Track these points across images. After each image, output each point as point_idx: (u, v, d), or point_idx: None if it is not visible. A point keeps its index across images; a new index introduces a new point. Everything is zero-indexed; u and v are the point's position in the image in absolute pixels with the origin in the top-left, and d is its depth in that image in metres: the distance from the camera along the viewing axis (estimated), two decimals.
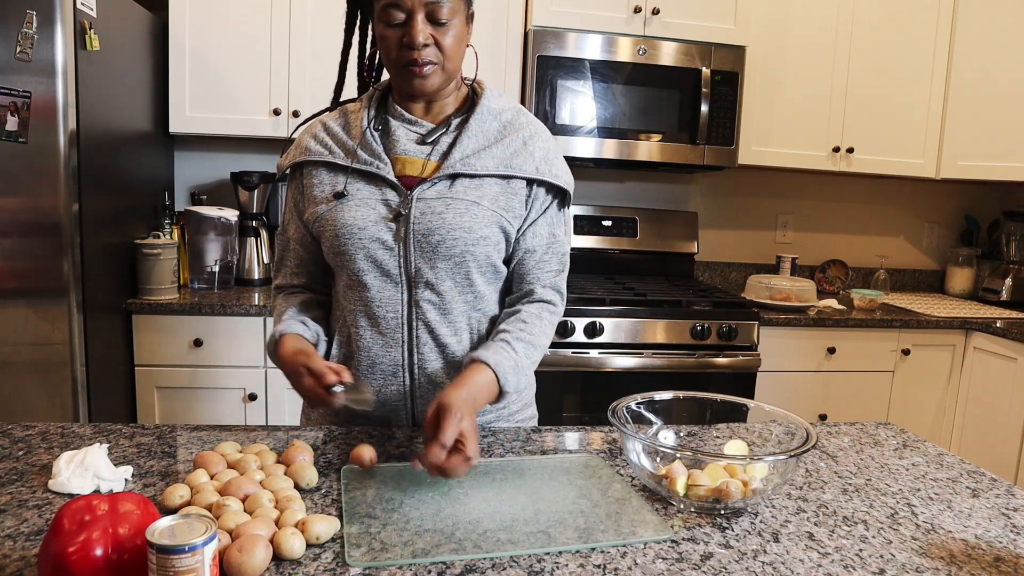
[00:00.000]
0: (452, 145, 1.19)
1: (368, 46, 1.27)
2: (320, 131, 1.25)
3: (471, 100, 1.25)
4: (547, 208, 1.24)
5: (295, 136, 1.31)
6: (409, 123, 1.21)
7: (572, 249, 3.04)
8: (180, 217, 2.62)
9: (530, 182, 1.21)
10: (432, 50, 1.12)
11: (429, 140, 1.20)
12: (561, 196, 1.26)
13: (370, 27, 1.24)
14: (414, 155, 1.19)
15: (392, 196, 1.17)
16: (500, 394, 1.12)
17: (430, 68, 1.13)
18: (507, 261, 1.25)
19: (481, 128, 1.20)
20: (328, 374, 1.07)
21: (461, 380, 1.07)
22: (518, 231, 1.23)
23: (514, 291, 1.27)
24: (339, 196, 1.18)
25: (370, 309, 1.20)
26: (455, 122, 1.22)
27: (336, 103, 1.29)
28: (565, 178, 1.24)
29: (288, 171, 1.28)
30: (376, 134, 1.20)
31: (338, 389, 1.07)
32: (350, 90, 1.30)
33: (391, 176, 1.17)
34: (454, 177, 1.17)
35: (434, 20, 1.11)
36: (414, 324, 1.20)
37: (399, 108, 1.21)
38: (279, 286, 1.34)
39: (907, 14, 2.90)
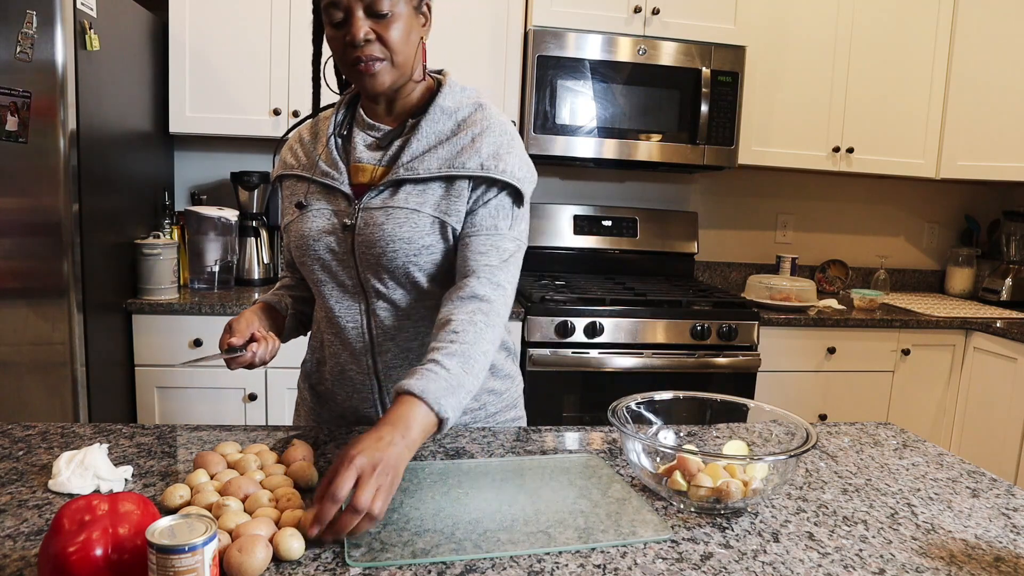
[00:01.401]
0: (401, 148, 1.16)
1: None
2: (295, 143, 1.26)
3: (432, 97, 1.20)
4: (490, 199, 1.13)
5: (288, 138, 1.32)
6: (368, 128, 1.18)
7: (572, 249, 3.07)
8: (180, 217, 2.62)
9: (476, 180, 1.12)
10: (376, 46, 1.07)
11: (384, 144, 1.18)
12: (515, 192, 1.15)
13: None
14: (367, 162, 1.17)
15: (344, 206, 1.16)
16: (441, 422, 0.94)
17: (378, 65, 1.08)
18: None
19: (433, 129, 1.14)
20: (235, 337, 1.11)
21: (386, 419, 0.90)
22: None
23: (455, 281, 1.14)
24: (300, 207, 1.19)
25: (332, 319, 1.20)
26: (410, 123, 1.17)
27: (316, 112, 1.27)
28: (517, 174, 1.13)
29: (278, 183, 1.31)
30: (339, 141, 1.19)
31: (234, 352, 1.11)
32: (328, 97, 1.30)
33: (344, 186, 1.16)
34: (400, 183, 1.13)
35: (374, 14, 1.06)
36: (374, 332, 1.19)
37: (362, 112, 1.19)
38: (279, 277, 1.43)
39: (907, 14, 2.90)
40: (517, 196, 1.15)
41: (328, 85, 1.24)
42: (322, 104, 1.28)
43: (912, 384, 2.79)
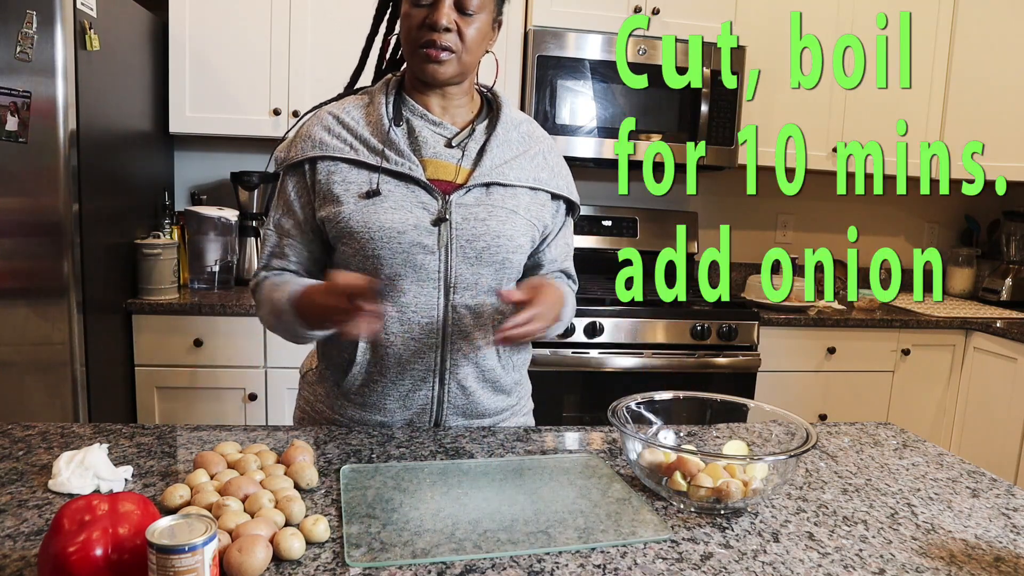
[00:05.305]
0: (481, 152, 1.19)
1: (394, 36, 1.25)
2: (333, 124, 1.17)
3: (489, 107, 1.25)
4: (565, 222, 1.32)
5: (297, 127, 1.23)
6: (433, 124, 1.19)
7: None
8: (180, 217, 2.62)
9: (554, 196, 1.26)
10: (453, 37, 1.11)
11: (456, 144, 1.19)
12: (570, 207, 1.33)
13: (388, 13, 1.25)
14: (445, 159, 1.18)
15: (428, 200, 1.15)
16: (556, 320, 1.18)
17: (447, 56, 1.12)
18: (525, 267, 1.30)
19: (507, 136, 1.21)
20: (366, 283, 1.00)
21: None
22: (541, 241, 1.28)
23: None
24: (370, 196, 1.13)
25: (404, 314, 1.16)
26: (480, 127, 1.21)
27: (350, 89, 1.27)
28: (574, 190, 1.31)
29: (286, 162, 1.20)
30: (400, 133, 1.17)
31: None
32: (363, 79, 1.30)
33: (423, 178, 1.15)
34: (489, 185, 1.18)
35: (461, 8, 1.11)
36: (449, 329, 1.18)
37: (419, 106, 1.19)
38: (271, 268, 1.24)
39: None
40: (572, 209, 1.33)
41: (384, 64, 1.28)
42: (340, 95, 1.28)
43: (912, 384, 2.79)
